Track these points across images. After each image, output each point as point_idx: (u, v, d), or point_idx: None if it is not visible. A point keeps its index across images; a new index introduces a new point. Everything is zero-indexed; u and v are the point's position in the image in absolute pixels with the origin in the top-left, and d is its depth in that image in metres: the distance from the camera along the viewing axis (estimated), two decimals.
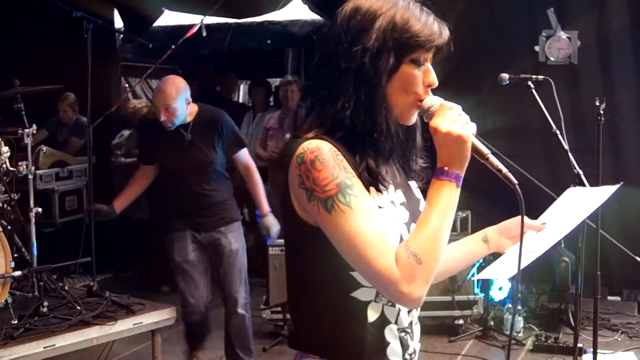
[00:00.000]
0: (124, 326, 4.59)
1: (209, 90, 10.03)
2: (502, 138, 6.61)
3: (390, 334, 1.92)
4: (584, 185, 4.35)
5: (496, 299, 6.51)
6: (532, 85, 4.92)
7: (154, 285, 8.02)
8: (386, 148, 1.90)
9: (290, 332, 2.06)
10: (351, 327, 1.89)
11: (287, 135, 7.57)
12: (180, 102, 4.87)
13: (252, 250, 7.89)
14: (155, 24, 9.78)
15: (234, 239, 5.16)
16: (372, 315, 1.89)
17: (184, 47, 7.89)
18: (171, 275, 5.65)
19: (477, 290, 6.38)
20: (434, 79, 1.90)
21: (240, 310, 5.23)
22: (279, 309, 6.26)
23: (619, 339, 6.27)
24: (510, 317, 6.34)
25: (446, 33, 1.89)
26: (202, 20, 7.89)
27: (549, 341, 5.97)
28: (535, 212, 2.21)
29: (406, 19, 1.84)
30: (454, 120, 1.81)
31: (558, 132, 4.80)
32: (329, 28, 1.93)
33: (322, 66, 1.91)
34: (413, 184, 2.07)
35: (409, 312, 1.97)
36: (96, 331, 4.43)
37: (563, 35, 7.16)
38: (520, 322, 6.33)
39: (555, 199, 2.32)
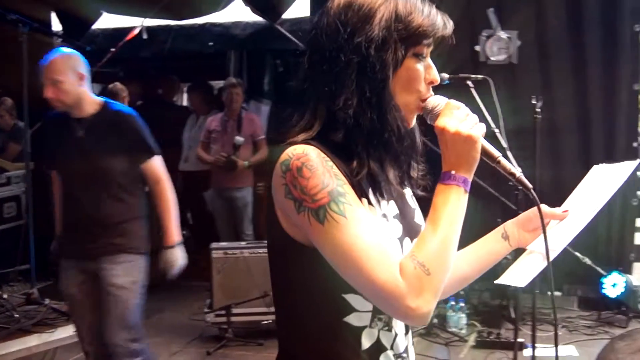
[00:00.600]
0: (64, 333, 4.53)
1: (151, 93, 9.93)
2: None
3: None
4: (524, 185, 4.42)
5: None
6: (471, 85, 4.98)
7: None
8: (397, 149, 1.73)
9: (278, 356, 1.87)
10: (343, 355, 1.73)
11: (237, 138, 7.56)
12: (70, 77, 4.03)
13: (195, 253, 7.85)
14: (95, 27, 9.67)
15: (123, 272, 4.12)
16: (366, 342, 1.73)
17: (124, 50, 7.82)
18: None
19: None
20: (436, 76, 1.77)
21: None
22: (223, 312, 6.23)
23: (560, 333, 6.36)
24: (453, 314, 6.39)
25: (450, 24, 1.77)
26: (142, 22, 7.83)
27: (491, 337, 6.04)
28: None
29: (409, 9, 1.71)
30: (462, 119, 1.69)
31: (497, 130, 4.86)
32: (318, 21, 1.76)
33: (314, 63, 1.74)
34: (407, 192, 1.91)
35: (405, 334, 1.83)
36: (35, 339, 4.37)
37: (503, 35, 7.23)
38: (463, 318, 6.40)
39: (497, 199, 2.23)
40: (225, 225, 7.93)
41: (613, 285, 6.66)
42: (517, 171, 1.75)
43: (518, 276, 1.97)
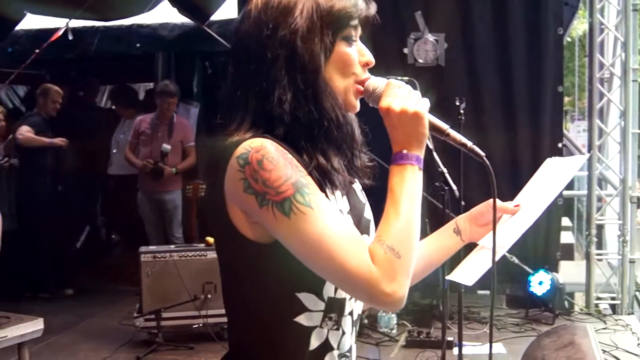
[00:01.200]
0: None
1: (74, 96, 9.77)
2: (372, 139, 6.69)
3: None
4: (448, 184, 4.46)
5: None
6: None
7: (57, 289, 7.98)
8: (338, 138, 1.72)
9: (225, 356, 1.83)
10: (289, 355, 1.72)
11: (164, 146, 7.52)
12: None
13: (123, 257, 7.78)
14: (19, 28, 9.49)
15: None
16: (315, 342, 1.72)
17: (49, 52, 7.68)
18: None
19: None
20: (370, 57, 1.77)
21: None
22: (153, 316, 6.16)
23: (488, 331, 6.43)
24: (383, 315, 6.42)
25: (373, 5, 1.77)
26: (67, 23, 7.71)
27: (421, 336, 6.09)
28: None
29: None
30: (405, 97, 1.69)
31: None
32: (240, 25, 1.75)
33: (241, 65, 1.72)
34: (357, 187, 1.87)
35: (351, 333, 1.81)
36: None
37: (430, 37, 7.30)
38: (393, 319, 6.43)
39: (424, 198, 2.19)
40: (155, 228, 7.87)
41: (540, 283, 6.78)
42: (468, 142, 1.76)
43: (466, 274, 1.96)
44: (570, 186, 9.48)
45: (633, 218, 7.15)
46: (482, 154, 1.76)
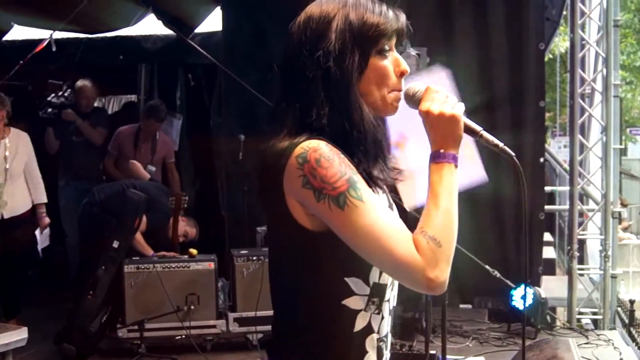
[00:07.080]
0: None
1: None
2: None
3: (371, 343, 1.91)
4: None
5: None
6: None
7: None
8: (370, 147, 1.88)
9: (269, 342, 2.01)
10: (336, 336, 1.87)
11: (149, 167, 7.56)
12: None
13: None
14: (4, 39, 9.46)
15: None
16: (359, 325, 1.88)
17: (32, 63, 7.65)
18: None
19: None
20: (405, 66, 1.93)
21: None
22: (136, 327, 6.13)
23: (470, 345, 6.46)
24: None
25: (402, 17, 1.93)
26: (51, 35, 7.69)
27: (403, 349, 6.08)
28: None
29: (360, 13, 1.86)
30: (443, 101, 1.86)
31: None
32: (287, 43, 1.92)
33: (286, 82, 1.91)
34: (386, 189, 2.05)
35: (388, 320, 1.96)
36: None
37: (412, 51, 7.33)
38: None
39: None
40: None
41: (522, 297, 6.77)
42: (500, 142, 1.90)
43: None
44: (551, 201, 9.54)
45: (614, 233, 7.20)
46: (512, 153, 1.89)
